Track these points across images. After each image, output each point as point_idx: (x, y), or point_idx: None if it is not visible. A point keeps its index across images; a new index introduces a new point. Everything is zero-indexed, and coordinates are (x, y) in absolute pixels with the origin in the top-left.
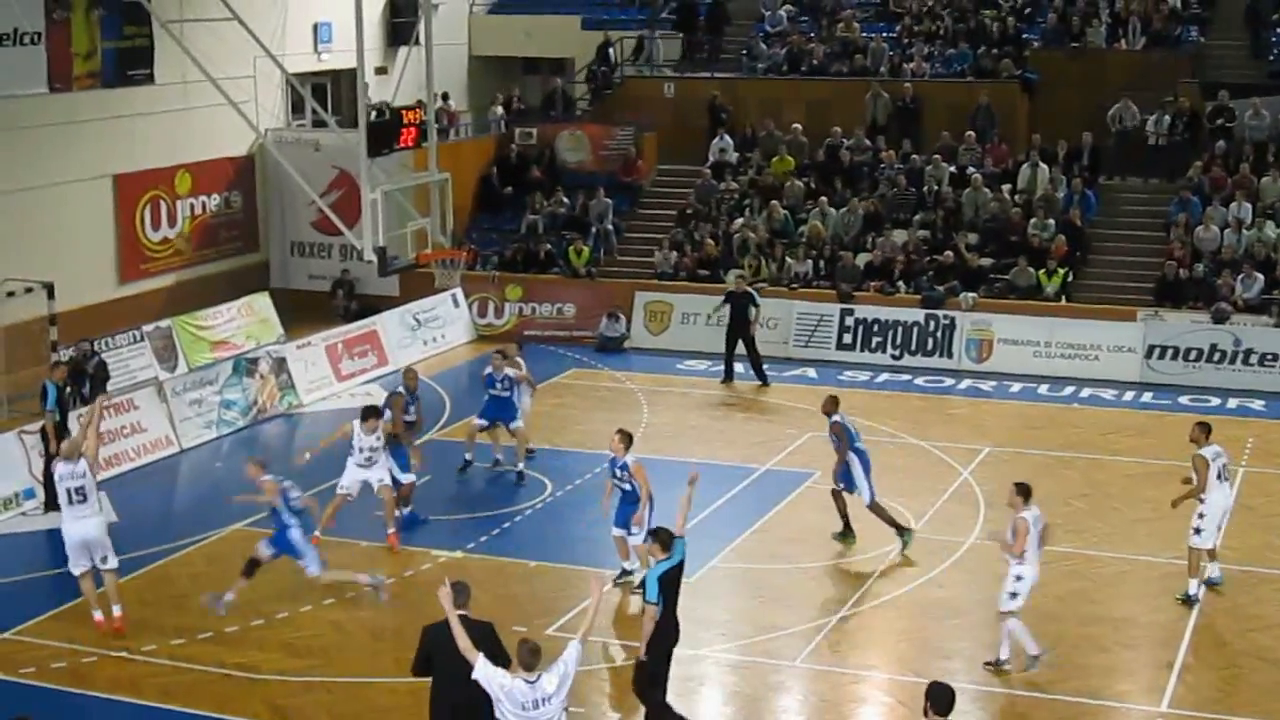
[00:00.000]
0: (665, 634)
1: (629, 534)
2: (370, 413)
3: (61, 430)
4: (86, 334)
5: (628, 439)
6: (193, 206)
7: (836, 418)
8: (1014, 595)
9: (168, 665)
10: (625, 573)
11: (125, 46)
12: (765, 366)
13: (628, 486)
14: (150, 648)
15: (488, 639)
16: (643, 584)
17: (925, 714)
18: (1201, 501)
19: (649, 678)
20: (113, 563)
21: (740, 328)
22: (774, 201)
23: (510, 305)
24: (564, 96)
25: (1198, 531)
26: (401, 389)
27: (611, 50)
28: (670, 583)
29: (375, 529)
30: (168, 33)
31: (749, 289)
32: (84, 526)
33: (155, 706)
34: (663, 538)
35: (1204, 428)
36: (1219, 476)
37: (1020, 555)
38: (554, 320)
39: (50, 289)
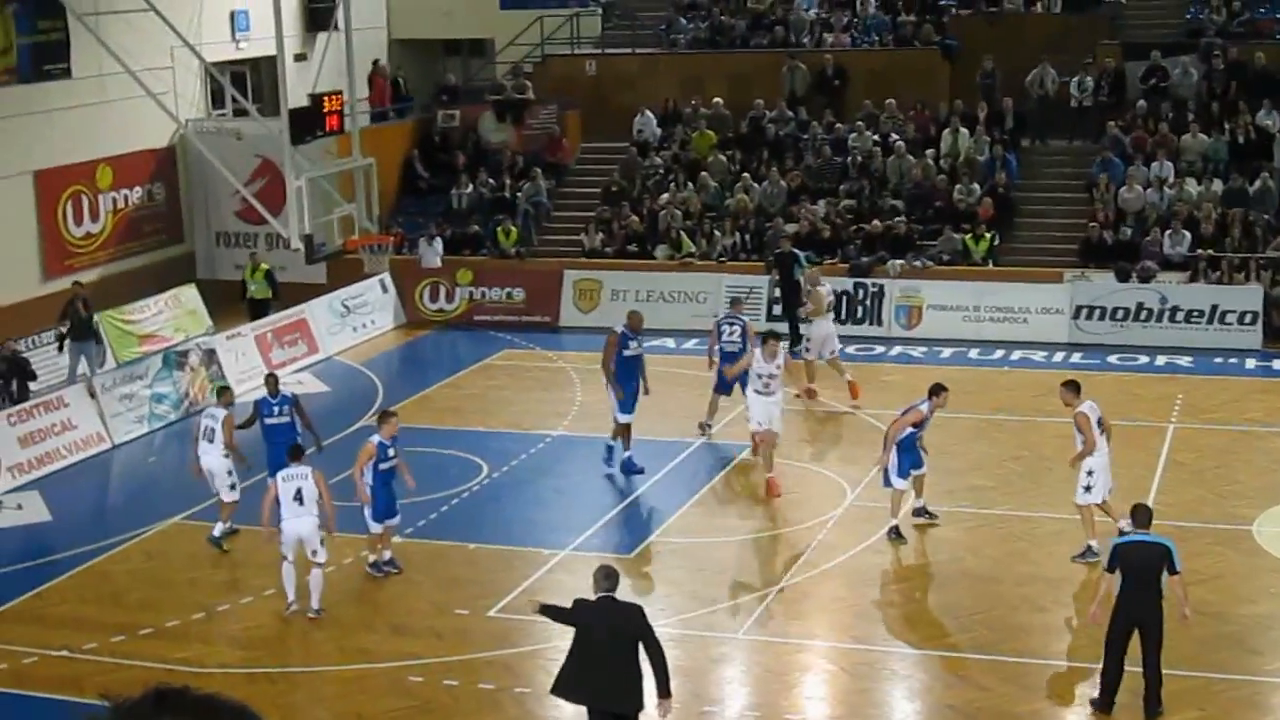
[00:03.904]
0: None
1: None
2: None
3: None
4: (11, 333)
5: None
6: (115, 200)
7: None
8: (1088, 489)
9: (109, 663)
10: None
11: (40, 41)
12: (695, 342)
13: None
14: (91, 645)
15: (636, 619)
16: None
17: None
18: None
19: None
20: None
21: (790, 290)
22: (704, 174)
23: (460, 290)
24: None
25: (1088, 489)
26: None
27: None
28: None
29: None
30: (83, 25)
31: (794, 249)
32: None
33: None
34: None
35: (1073, 386)
36: (1100, 430)
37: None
38: (503, 305)
39: None
